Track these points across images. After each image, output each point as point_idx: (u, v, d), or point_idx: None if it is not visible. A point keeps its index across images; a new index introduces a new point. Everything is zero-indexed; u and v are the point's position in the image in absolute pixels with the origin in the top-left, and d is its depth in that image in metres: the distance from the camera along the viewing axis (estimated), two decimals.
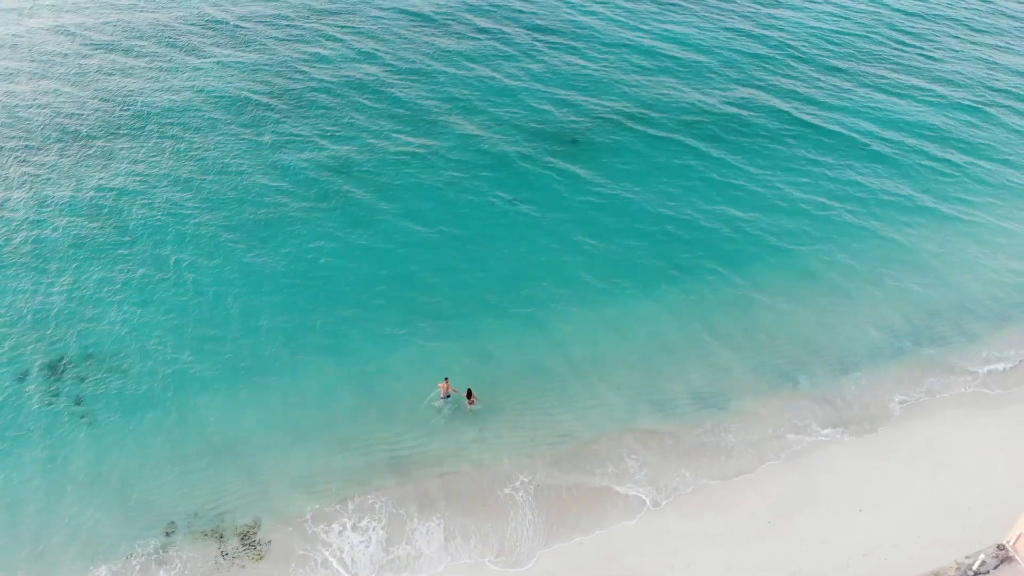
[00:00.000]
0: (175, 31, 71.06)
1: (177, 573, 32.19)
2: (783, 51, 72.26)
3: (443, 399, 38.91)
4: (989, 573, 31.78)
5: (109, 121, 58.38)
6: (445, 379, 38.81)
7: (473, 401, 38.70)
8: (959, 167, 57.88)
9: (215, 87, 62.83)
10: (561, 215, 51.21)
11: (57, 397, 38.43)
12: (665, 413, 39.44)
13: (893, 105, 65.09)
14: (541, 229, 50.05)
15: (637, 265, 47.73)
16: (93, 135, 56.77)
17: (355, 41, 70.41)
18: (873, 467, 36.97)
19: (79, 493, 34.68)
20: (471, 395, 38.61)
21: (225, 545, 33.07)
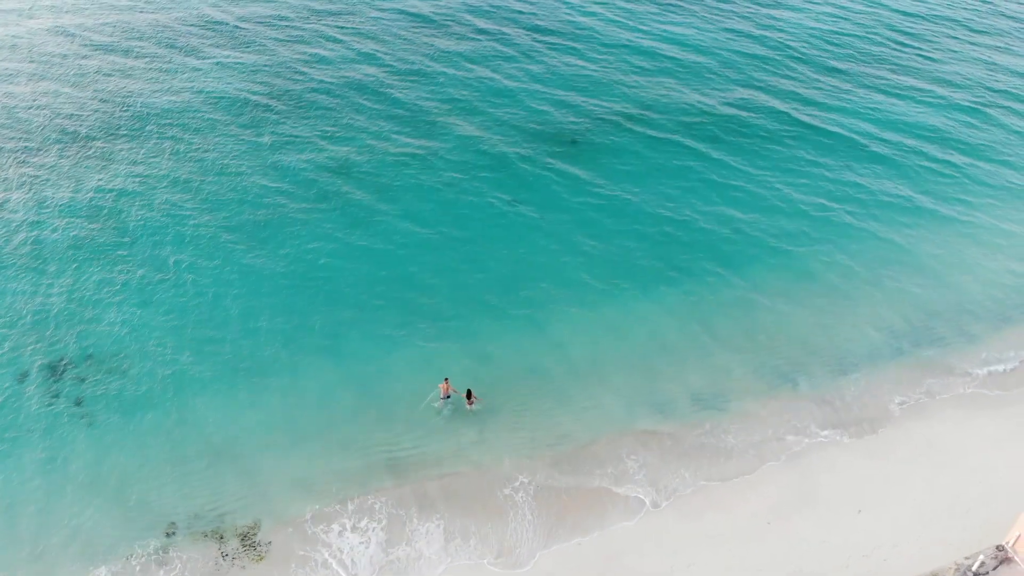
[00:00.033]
0: (174, 32, 71.06)
1: (177, 574, 32.18)
2: (782, 52, 72.32)
3: (443, 400, 38.93)
4: (988, 574, 31.79)
5: (108, 122, 58.37)
6: (445, 379, 38.82)
7: (473, 401, 38.73)
8: (958, 168, 57.93)
9: (214, 88, 62.84)
10: (560, 216, 51.23)
11: (57, 398, 38.43)
12: (664, 414, 39.46)
13: (892, 106, 65.14)
14: (540, 230, 50.07)
15: (636, 266, 47.75)
16: (92, 136, 56.77)
17: (355, 42, 70.44)
18: (873, 468, 36.99)
19: (79, 494, 34.67)
20: (471, 395, 38.63)
21: (225, 546, 33.08)
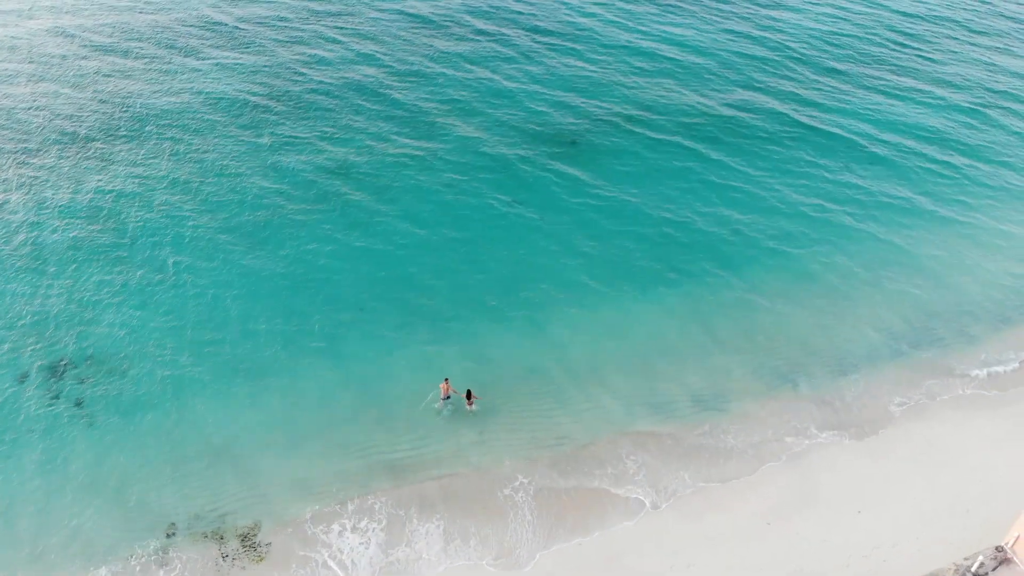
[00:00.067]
0: (174, 33, 71.08)
1: (177, 574, 32.19)
2: (782, 53, 72.35)
3: (443, 400, 38.93)
4: (988, 574, 31.79)
5: (108, 123, 58.37)
6: (445, 380, 38.83)
7: (472, 402, 38.74)
8: (958, 169, 57.96)
9: (214, 89, 62.86)
10: (560, 217, 51.24)
11: (57, 399, 38.43)
12: (664, 415, 39.47)
13: (892, 107, 65.18)
14: (540, 231, 50.08)
15: (636, 267, 47.77)
16: (92, 137, 56.77)
17: (354, 43, 70.46)
18: (872, 468, 37.01)
19: (79, 494, 34.68)
20: (470, 396, 38.64)
21: (225, 547, 33.07)
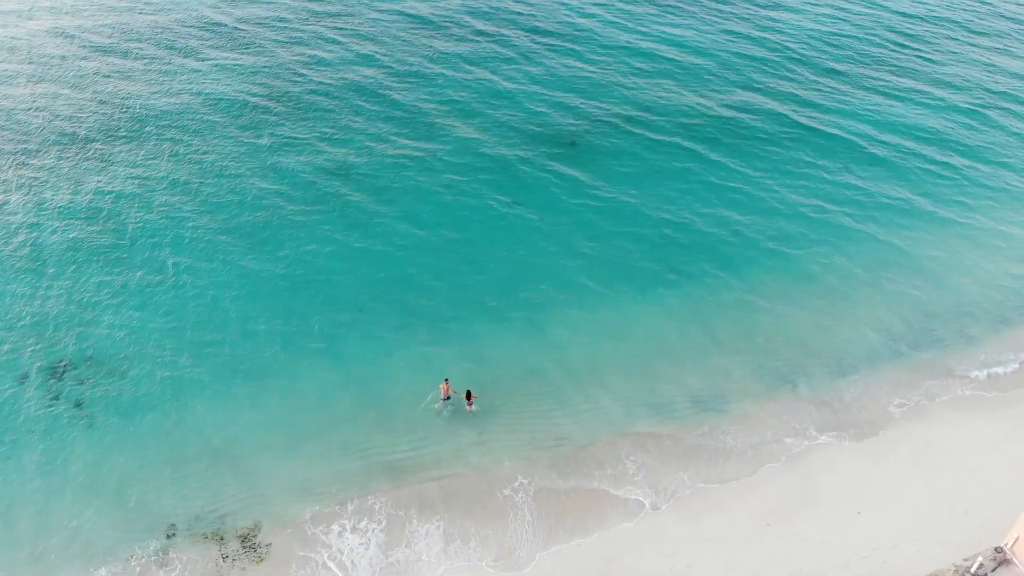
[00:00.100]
0: (173, 33, 71.09)
1: (177, 575, 32.30)
2: (781, 54, 72.39)
3: (443, 401, 38.94)
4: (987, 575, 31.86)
5: (107, 124, 58.39)
6: (445, 380, 38.85)
7: (472, 402, 38.76)
8: (957, 170, 58.00)
9: (213, 90, 62.87)
10: (560, 218, 51.26)
11: (57, 400, 38.44)
12: (663, 416, 39.49)
13: (891, 108, 65.23)
14: (540, 232, 50.10)
15: (635, 268, 47.80)
16: (91, 138, 56.78)
17: (354, 44, 70.48)
18: (872, 469, 37.03)
19: (79, 495, 34.69)
20: (470, 396, 38.66)
21: (225, 547, 33.08)
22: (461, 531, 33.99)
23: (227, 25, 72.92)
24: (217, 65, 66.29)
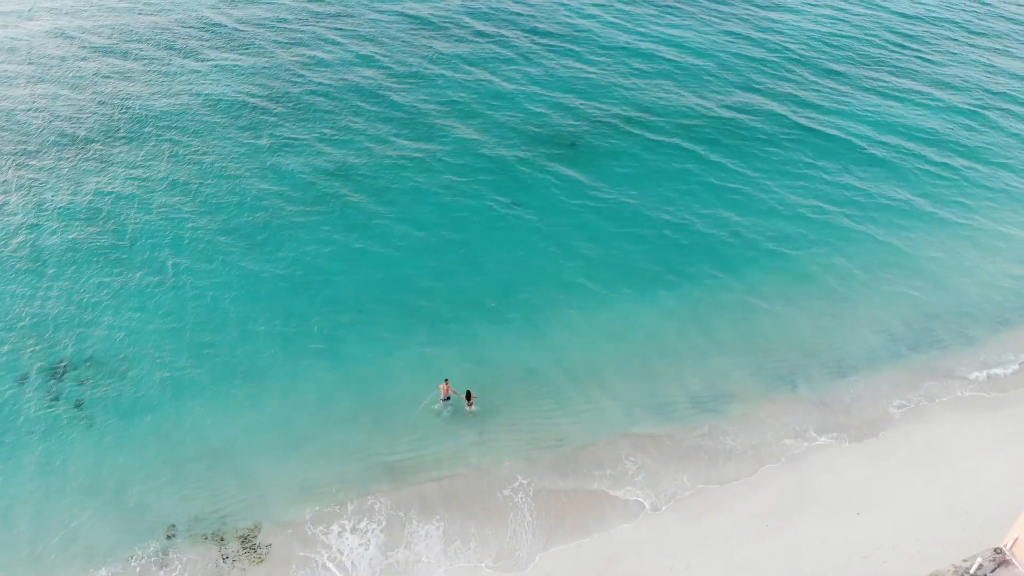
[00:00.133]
0: (173, 34, 71.10)
1: None
2: (781, 54, 72.43)
3: (443, 401, 38.95)
4: None
5: (107, 125, 58.40)
6: (445, 380, 38.86)
7: (472, 403, 38.77)
8: (956, 171, 58.02)
9: (213, 91, 62.88)
10: (559, 219, 51.27)
11: (57, 400, 38.43)
12: (663, 417, 39.49)
13: (891, 108, 65.26)
14: (539, 233, 50.11)
15: (635, 269, 47.80)
16: (91, 139, 56.78)
17: (353, 44, 70.50)
18: (872, 470, 37.04)
19: (79, 495, 34.69)
20: (470, 397, 38.67)
21: (226, 548, 33.08)
22: (461, 532, 33.99)
23: (227, 26, 72.93)
24: (217, 66, 66.30)
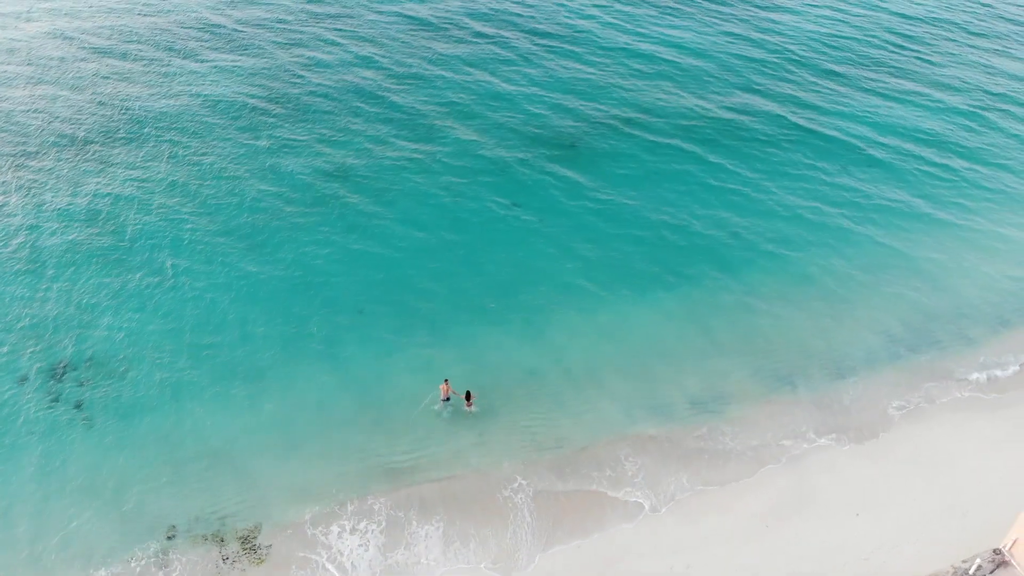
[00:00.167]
0: (173, 35, 71.09)
1: None
2: (781, 56, 72.45)
3: (443, 402, 38.95)
4: None
5: (106, 126, 58.38)
6: (445, 380, 38.86)
7: (472, 403, 38.77)
8: (956, 172, 58.05)
9: (212, 92, 62.87)
10: (559, 220, 51.28)
11: (57, 401, 38.42)
12: (663, 418, 39.49)
13: (890, 110, 65.29)
14: (539, 234, 50.11)
15: (634, 270, 47.80)
16: (90, 140, 56.77)
17: (353, 45, 70.50)
18: (871, 471, 37.05)
19: (78, 496, 34.67)
20: (470, 397, 38.68)
21: (226, 549, 33.08)
22: (461, 532, 34.00)
23: (226, 27, 72.93)
24: (216, 67, 66.31)
